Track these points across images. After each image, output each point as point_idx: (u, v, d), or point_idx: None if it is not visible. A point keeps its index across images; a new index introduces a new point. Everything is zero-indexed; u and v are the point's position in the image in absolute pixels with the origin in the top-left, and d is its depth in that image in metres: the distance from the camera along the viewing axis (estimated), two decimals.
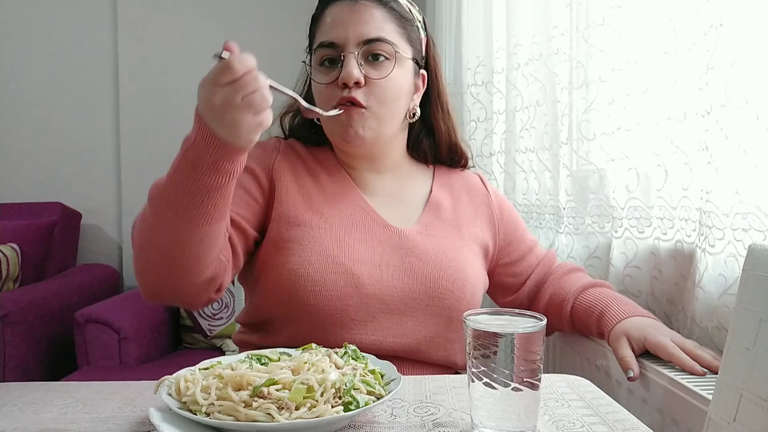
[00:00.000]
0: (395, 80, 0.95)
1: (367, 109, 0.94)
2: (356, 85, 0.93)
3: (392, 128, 1.00)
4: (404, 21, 0.98)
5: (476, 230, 1.05)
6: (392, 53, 0.95)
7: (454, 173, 1.12)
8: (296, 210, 0.96)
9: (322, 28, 0.97)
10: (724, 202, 0.86)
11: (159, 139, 2.89)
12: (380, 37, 0.94)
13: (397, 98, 0.97)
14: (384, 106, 0.95)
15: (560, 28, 1.30)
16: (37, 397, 0.75)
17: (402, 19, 0.98)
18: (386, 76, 0.94)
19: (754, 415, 0.51)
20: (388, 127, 0.99)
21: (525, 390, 0.60)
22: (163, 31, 2.89)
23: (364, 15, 0.94)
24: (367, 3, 0.95)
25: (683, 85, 0.98)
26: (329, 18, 0.96)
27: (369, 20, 0.94)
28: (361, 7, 0.95)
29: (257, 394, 0.61)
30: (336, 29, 0.94)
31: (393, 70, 0.95)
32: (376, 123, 0.96)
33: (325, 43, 0.95)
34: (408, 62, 0.98)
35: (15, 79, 2.88)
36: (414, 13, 1.02)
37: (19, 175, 2.89)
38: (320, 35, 0.97)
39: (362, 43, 0.93)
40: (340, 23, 0.94)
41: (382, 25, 0.95)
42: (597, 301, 0.98)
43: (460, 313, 0.93)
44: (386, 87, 0.94)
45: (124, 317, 2.17)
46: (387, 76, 0.94)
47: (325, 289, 0.90)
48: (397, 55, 0.95)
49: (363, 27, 0.94)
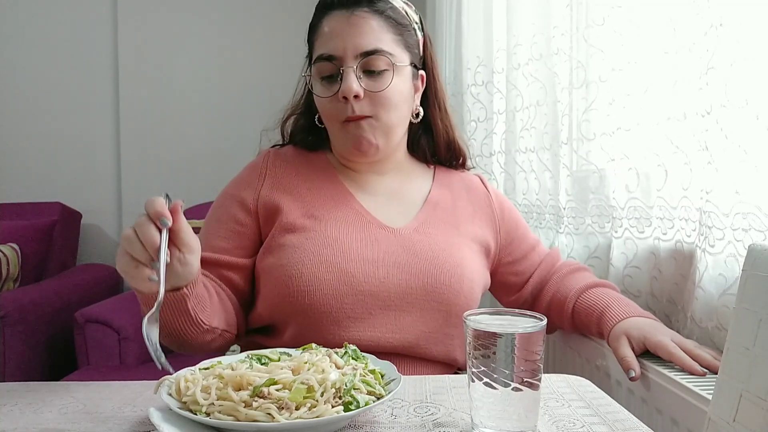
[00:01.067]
0: (395, 89, 0.96)
1: (374, 117, 0.96)
2: (356, 98, 0.94)
3: (400, 132, 1.02)
4: (401, 27, 0.99)
5: (476, 229, 1.05)
6: (390, 64, 0.96)
7: (454, 174, 1.13)
8: (291, 217, 0.97)
9: (320, 38, 0.98)
10: (724, 202, 0.86)
11: (159, 139, 2.89)
12: (378, 48, 0.94)
13: (399, 104, 0.98)
14: (389, 113, 0.97)
15: (560, 28, 1.30)
16: (37, 397, 0.75)
17: (399, 26, 0.98)
18: (385, 88, 0.95)
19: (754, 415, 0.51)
20: (397, 132, 1.01)
21: (525, 390, 0.60)
22: (163, 31, 2.89)
23: (362, 26, 0.95)
24: (363, 13, 0.95)
25: (683, 85, 0.98)
26: (326, 28, 0.97)
27: (367, 31, 0.95)
28: (358, 18, 0.95)
29: (257, 394, 0.61)
30: (334, 41, 0.95)
31: (392, 81, 0.96)
32: (385, 130, 0.98)
33: (323, 56, 0.95)
34: (406, 68, 0.99)
35: (15, 79, 2.88)
36: (410, 15, 1.02)
37: (19, 175, 2.89)
38: (318, 47, 0.97)
39: (360, 56, 0.94)
40: (337, 35, 0.95)
41: (379, 35, 0.95)
42: (598, 301, 0.99)
43: (458, 307, 0.93)
44: (387, 97, 0.96)
45: (124, 317, 2.17)
46: (386, 88, 0.95)
47: (320, 288, 0.90)
48: (395, 66, 0.96)
49: (360, 39, 0.94)
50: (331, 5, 0.97)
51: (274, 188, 1.00)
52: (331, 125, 1.00)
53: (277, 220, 0.97)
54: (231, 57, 2.90)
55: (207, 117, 2.90)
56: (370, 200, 1.02)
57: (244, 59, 2.90)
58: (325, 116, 1.00)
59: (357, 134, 0.96)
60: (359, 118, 0.95)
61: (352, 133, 0.96)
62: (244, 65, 2.90)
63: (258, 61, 2.89)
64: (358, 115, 0.95)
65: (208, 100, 2.91)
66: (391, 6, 0.99)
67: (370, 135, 0.96)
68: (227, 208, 1.01)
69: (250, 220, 0.99)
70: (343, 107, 0.95)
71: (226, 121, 2.89)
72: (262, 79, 2.85)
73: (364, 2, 0.96)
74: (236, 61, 2.90)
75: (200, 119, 2.90)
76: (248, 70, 2.90)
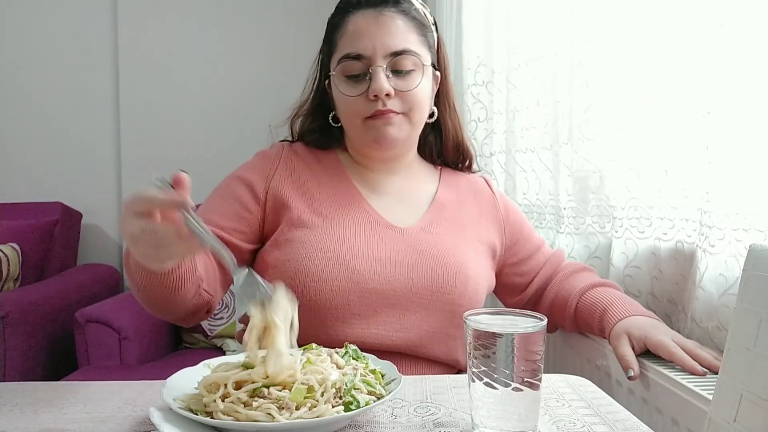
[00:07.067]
0: (422, 89, 0.98)
1: (404, 113, 0.97)
2: (387, 97, 0.95)
3: (419, 131, 1.04)
4: (424, 28, 1.00)
5: (482, 230, 1.06)
6: (418, 64, 0.97)
7: (460, 176, 1.13)
8: (299, 212, 0.97)
9: (345, 37, 0.98)
10: (724, 202, 0.86)
11: (159, 139, 2.89)
12: (407, 49, 0.96)
13: (425, 104, 1.01)
14: (416, 113, 0.99)
15: (560, 28, 1.30)
16: (37, 397, 0.75)
17: (422, 26, 1.00)
18: (415, 87, 0.96)
19: (754, 415, 0.51)
20: (417, 130, 1.03)
21: (525, 390, 0.60)
22: (163, 31, 2.89)
23: (390, 26, 0.95)
24: (390, 13, 0.96)
25: (683, 85, 0.98)
26: (352, 27, 0.97)
27: (394, 32, 0.95)
28: (386, 18, 0.96)
29: (257, 394, 0.61)
30: (363, 41, 0.95)
31: (421, 81, 0.97)
32: (409, 127, 0.99)
33: (351, 54, 0.96)
34: (429, 69, 1.01)
35: (15, 79, 2.88)
36: (428, 15, 1.04)
37: (19, 175, 2.89)
38: (344, 45, 0.97)
39: (389, 56, 0.95)
40: (366, 34, 0.95)
41: (406, 35, 0.96)
42: (600, 300, 0.99)
43: (462, 308, 0.93)
44: (415, 96, 0.97)
45: (124, 317, 2.17)
46: (416, 87, 0.96)
47: (326, 284, 0.90)
48: (422, 66, 0.97)
49: (389, 39, 0.95)
50: (357, 4, 0.98)
51: (285, 180, 1.00)
52: (351, 122, 1.00)
53: (285, 215, 0.97)
54: (231, 57, 2.90)
55: (207, 117, 2.90)
56: (379, 199, 1.03)
57: (245, 59, 2.89)
58: (346, 113, 1.00)
59: (382, 129, 0.97)
60: (389, 113, 0.95)
61: (376, 128, 0.97)
62: (244, 65, 2.90)
63: (258, 61, 2.88)
64: (389, 108, 0.95)
65: (209, 99, 2.91)
66: (414, 7, 1.00)
67: (395, 130, 0.97)
68: (233, 188, 1.00)
69: (257, 208, 0.99)
70: (369, 104, 0.95)
71: (227, 121, 2.89)
72: (262, 78, 2.85)
73: (390, 2, 0.97)
74: (236, 61, 2.90)
75: (200, 119, 2.90)
76: (248, 70, 2.89)
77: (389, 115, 0.96)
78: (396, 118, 0.96)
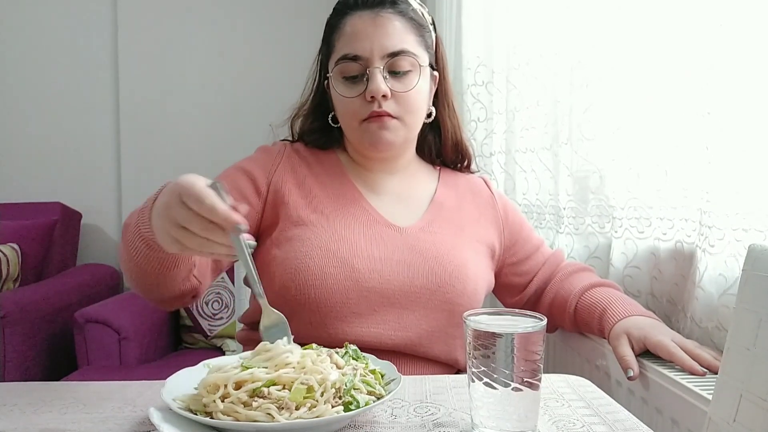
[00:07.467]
0: (419, 90, 0.98)
1: (399, 118, 0.97)
2: (383, 98, 0.95)
3: (416, 132, 1.04)
4: (421, 28, 1.00)
5: (480, 230, 1.06)
6: (416, 65, 0.97)
7: (459, 176, 1.13)
8: (299, 210, 0.97)
9: (343, 38, 0.98)
10: (723, 202, 0.86)
11: (159, 139, 2.89)
12: (404, 49, 0.96)
13: (422, 104, 1.01)
14: (412, 115, 0.99)
15: (560, 28, 1.30)
16: (37, 397, 0.75)
17: (420, 27, 1.00)
18: (412, 88, 0.96)
19: (754, 416, 0.51)
20: (414, 132, 1.03)
21: (525, 390, 0.60)
22: (163, 31, 2.89)
23: (387, 27, 0.96)
24: (388, 14, 0.96)
25: (683, 85, 0.98)
26: (350, 28, 0.97)
27: (391, 33, 0.96)
28: (383, 19, 0.96)
29: (257, 394, 0.61)
30: (361, 42, 0.95)
31: (418, 82, 0.97)
32: (405, 130, 0.99)
33: (348, 56, 0.96)
34: (427, 69, 1.00)
35: (15, 79, 2.88)
36: (426, 15, 1.04)
37: (19, 175, 2.89)
38: (342, 47, 0.98)
39: (387, 57, 0.95)
40: (364, 36, 0.95)
41: (403, 36, 0.97)
42: (600, 300, 0.99)
43: (461, 308, 0.93)
44: (412, 97, 0.97)
45: (124, 317, 2.17)
46: (413, 88, 0.96)
47: (325, 282, 0.90)
48: (419, 67, 0.97)
49: (387, 40, 0.95)
50: (355, 5, 0.98)
51: (286, 177, 1.01)
52: (349, 123, 1.00)
53: (283, 211, 0.97)
54: (231, 57, 2.90)
55: (207, 117, 2.90)
56: (378, 199, 1.03)
57: (245, 59, 2.90)
58: (344, 115, 1.00)
59: (378, 133, 0.97)
60: (384, 115, 0.95)
61: (371, 131, 0.97)
62: (244, 65, 2.90)
63: (258, 61, 2.88)
64: (384, 111, 0.95)
65: (209, 99, 2.91)
66: (412, 7, 1.00)
67: (390, 134, 0.97)
68: (235, 179, 0.99)
69: (257, 201, 0.99)
70: (366, 106, 0.96)
71: (227, 121, 2.89)
72: (262, 79, 2.85)
73: (387, 3, 0.97)
74: (236, 61, 2.90)
75: (200, 119, 2.90)
76: (248, 70, 2.89)
77: (384, 119, 0.96)
78: (391, 122, 0.96)
